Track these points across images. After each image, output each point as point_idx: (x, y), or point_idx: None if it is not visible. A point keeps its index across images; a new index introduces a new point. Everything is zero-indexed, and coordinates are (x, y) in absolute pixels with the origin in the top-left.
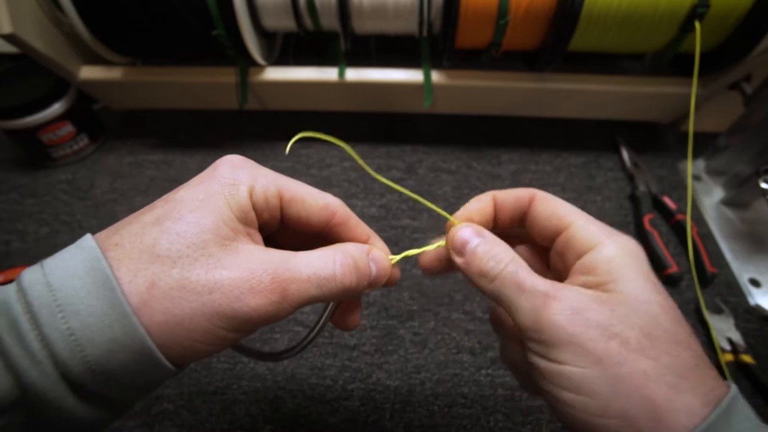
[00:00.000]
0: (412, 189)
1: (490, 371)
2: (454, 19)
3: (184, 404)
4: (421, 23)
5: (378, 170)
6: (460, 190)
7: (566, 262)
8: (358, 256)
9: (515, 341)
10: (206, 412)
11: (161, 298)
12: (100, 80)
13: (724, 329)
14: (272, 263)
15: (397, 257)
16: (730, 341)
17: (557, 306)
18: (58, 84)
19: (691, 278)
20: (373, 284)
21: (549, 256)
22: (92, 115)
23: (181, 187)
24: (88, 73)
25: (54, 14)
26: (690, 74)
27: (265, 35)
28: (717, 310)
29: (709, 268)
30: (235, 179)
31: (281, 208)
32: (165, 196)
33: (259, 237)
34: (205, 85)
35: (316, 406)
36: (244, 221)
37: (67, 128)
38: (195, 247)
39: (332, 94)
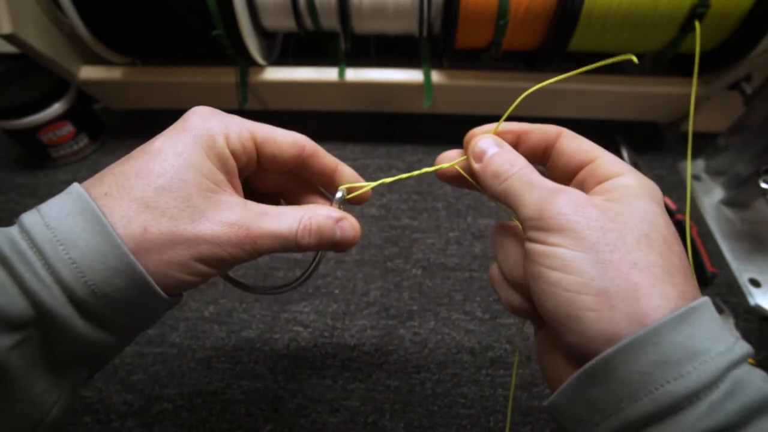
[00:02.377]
0: (412, 189)
1: (490, 371)
2: (454, 19)
3: (184, 404)
4: (421, 23)
5: (378, 170)
6: (460, 190)
7: (586, 189)
8: (323, 221)
9: (511, 248)
10: (206, 412)
11: (154, 242)
12: (100, 80)
13: None
14: (248, 219)
15: (373, 184)
16: None
17: (564, 197)
18: (58, 84)
19: None
20: (338, 247)
21: None
22: (92, 115)
23: (156, 138)
24: (88, 73)
25: (54, 14)
26: (690, 74)
27: (265, 35)
28: (717, 310)
29: (709, 268)
30: (210, 129)
31: (256, 151)
32: (142, 147)
33: (238, 183)
34: (205, 85)
35: (316, 406)
36: (224, 170)
37: (67, 128)
38: (180, 200)
39: (332, 94)
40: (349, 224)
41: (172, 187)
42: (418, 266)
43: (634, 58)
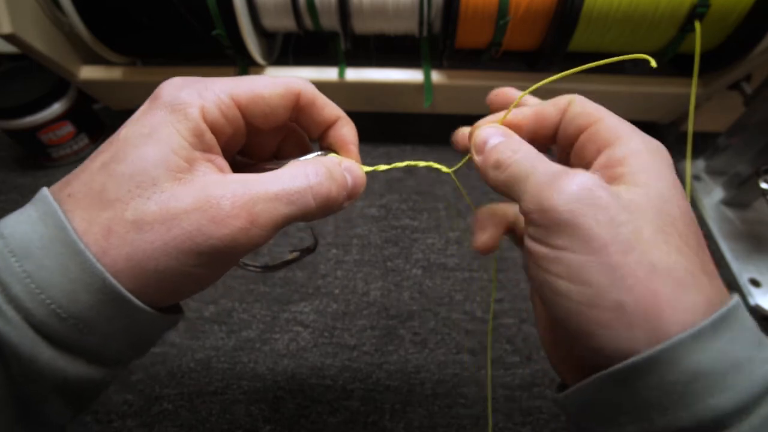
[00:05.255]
0: (412, 189)
1: (490, 371)
2: (454, 19)
3: (184, 404)
4: (421, 23)
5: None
6: (461, 190)
7: (587, 158)
8: (331, 165)
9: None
10: (206, 412)
11: (120, 244)
12: (100, 80)
13: None
14: (230, 187)
15: (369, 169)
16: None
17: (566, 182)
18: (58, 84)
19: None
20: (351, 195)
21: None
22: (92, 115)
23: (124, 124)
24: (88, 73)
25: (54, 14)
26: (690, 74)
27: (265, 35)
28: None
29: None
30: (181, 102)
31: (242, 116)
32: (109, 138)
33: (223, 161)
34: None
35: (316, 406)
36: (200, 146)
37: (67, 128)
38: (145, 186)
39: (332, 94)
40: (351, 162)
41: (134, 173)
42: (418, 266)
43: (652, 61)
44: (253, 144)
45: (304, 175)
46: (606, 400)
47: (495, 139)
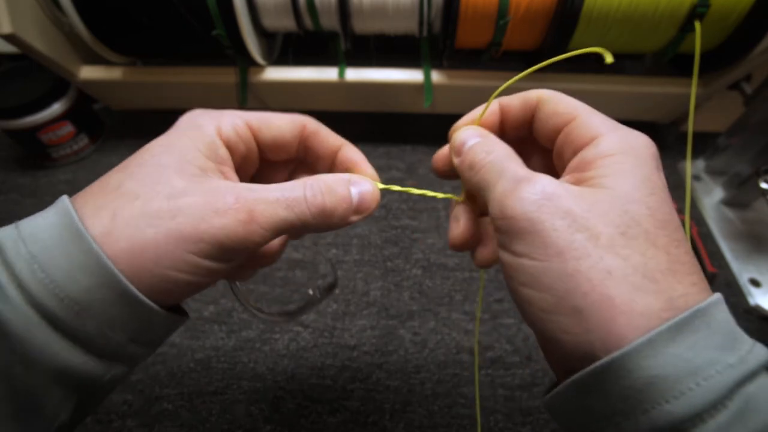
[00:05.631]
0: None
1: (490, 371)
2: (454, 19)
3: (184, 404)
4: (421, 23)
5: (378, 170)
6: (460, 190)
7: (563, 162)
8: (333, 181)
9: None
10: (206, 412)
11: (124, 225)
12: (100, 80)
13: None
14: (236, 188)
15: (383, 186)
16: None
17: (527, 189)
18: (58, 84)
19: None
20: (360, 210)
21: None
22: (92, 115)
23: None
24: (88, 73)
25: (54, 14)
26: (690, 74)
27: (265, 35)
28: None
29: (709, 268)
30: (199, 122)
31: (255, 138)
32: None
33: (233, 175)
34: (205, 85)
35: (316, 406)
36: (214, 158)
37: (67, 128)
38: (158, 182)
39: (332, 94)
40: (360, 177)
41: (150, 173)
42: (418, 266)
43: (608, 56)
44: (265, 176)
45: (302, 187)
46: (579, 405)
47: (472, 140)
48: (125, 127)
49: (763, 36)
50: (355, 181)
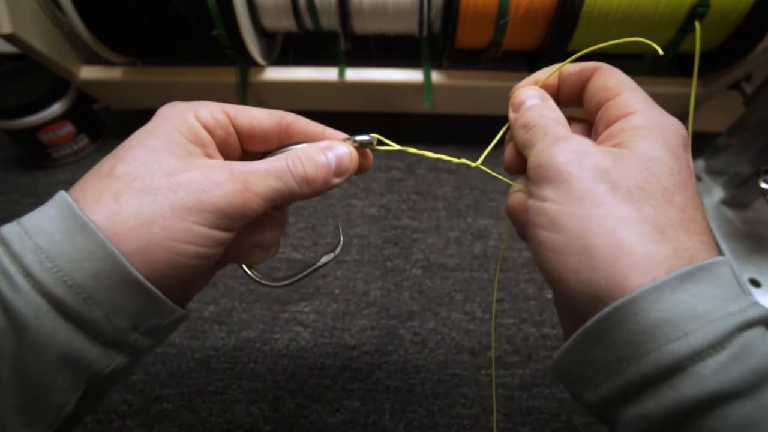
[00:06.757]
0: (412, 189)
1: (490, 371)
2: (454, 19)
3: (184, 404)
4: (421, 23)
5: (378, 170)
6: (460, 190)
7: (598, 133)
8: (310, 149)
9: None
10: (206, 412)
11: (129, 205)
12: (100, 80)
13: None
14: (228, 163)
15: (382, 147)
16: None
17: (562, 146)
18: (58, 84)
19: None
20: (340, 172)
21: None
22: (92, 115)
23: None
24: (88, 73)
25: (54, 14)
26: (690, 74)
27: (265, 35)
28: None
29: None
30: (178, 111)
31: (232, 124)
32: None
33: (219, 156)
34: (205, 85)
35: (316, 406)
36: (197, 142)
37: (67, 128)
38: (152, 162)
39: (332, 94)
40: (336, 143)
41: (142, 156)
42: (418, 266)
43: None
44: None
45: (284, 159)
46: (586, 359)
47: (531, 101)
48: (125, 127)
49: (763, 36)
50: (330, 147)
